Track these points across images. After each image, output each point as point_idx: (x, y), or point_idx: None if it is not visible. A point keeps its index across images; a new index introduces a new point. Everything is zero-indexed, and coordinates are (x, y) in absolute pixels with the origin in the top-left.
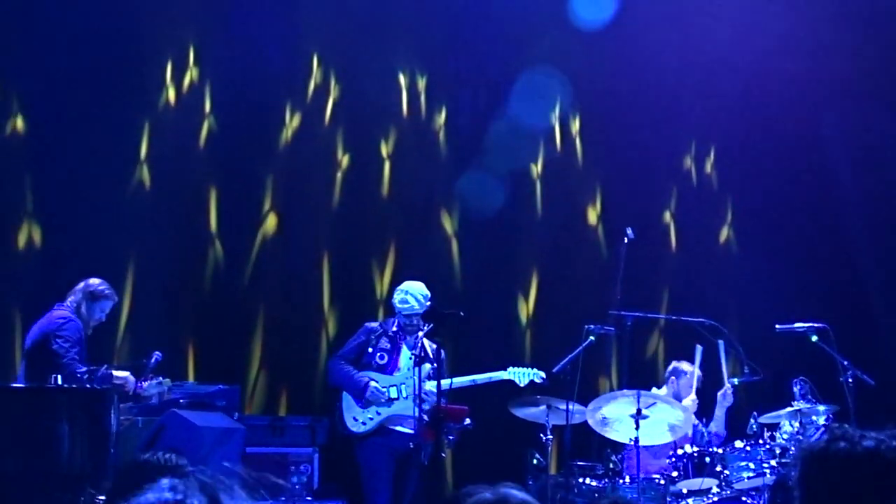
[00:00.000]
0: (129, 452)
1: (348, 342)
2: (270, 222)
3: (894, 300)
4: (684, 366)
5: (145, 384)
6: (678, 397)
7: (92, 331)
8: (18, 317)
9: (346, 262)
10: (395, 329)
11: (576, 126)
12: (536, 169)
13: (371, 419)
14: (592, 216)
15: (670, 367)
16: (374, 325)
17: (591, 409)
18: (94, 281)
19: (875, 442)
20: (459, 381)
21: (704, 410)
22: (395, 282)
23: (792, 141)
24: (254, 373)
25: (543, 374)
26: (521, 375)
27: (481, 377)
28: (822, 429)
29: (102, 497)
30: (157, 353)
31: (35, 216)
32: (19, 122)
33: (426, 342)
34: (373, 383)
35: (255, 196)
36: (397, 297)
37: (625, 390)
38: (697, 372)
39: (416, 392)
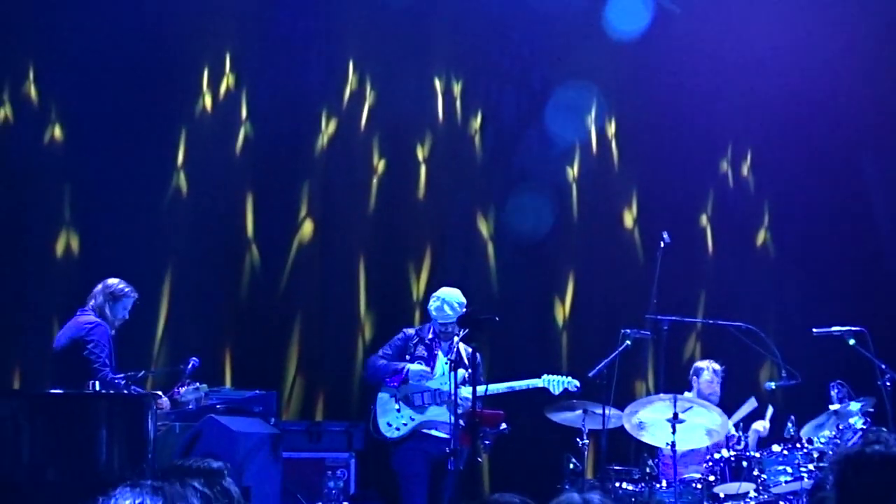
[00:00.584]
0: (166, 458)
1: (388, 343)
2: (307, 228)
3: None
4: (702, 364)
5: (182, 390)
6: (702, 396)
7: (116, 331)
8: (56, 324)
9: (382, 267)
10: (430, 336)
11: (611, 129)
12: (572, 172)
13: (405, 424)
14: (629, 220)
15: (692, 369)
16: (411, 331)
17: (628, 414)
18: (112, 280)
19: None
20: (494, 387)
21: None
22: (432, 285)
23: (828, 144)
24: (290, 378)
25: (578, 383)
26: (556, 384)
27: (517, 384)
28: (861, 432)
29: None
30: (194, 358)
31: (73, 224)
32: (57, 131)
33: (461, 347)
34: (410, 365)
35: (291, 202)
36: (433, 304)
37: (661, 394)
38: (766, 424)
39: (452, 397)
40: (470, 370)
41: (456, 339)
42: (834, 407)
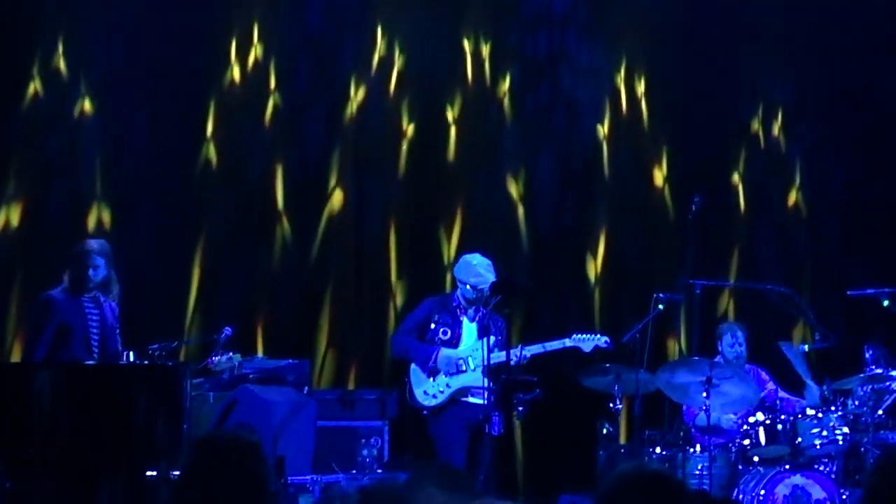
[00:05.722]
0: (201, 427)
1: (409, 317)
2: (337, 196)
3: None
4: (723, 326)
5: (216, 359)
6: (726, 359)
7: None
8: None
9: (412, 232)
10: (454, 304)
11: (641, 87)
12: (602, 131)
13: (442, 392)
14: (659, 178)
15: (716, 331)
16: (436, 299)
17: (662, 371)
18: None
19: None
20: (526, 350)
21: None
22: (462, 249)
23: (860, 102)
24: (322, 347)
25: (608, 339)
26: (587, 342)
27: (548, 345)
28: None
29: (177, 472)
30: (227, 328)
31: (104, 198)
32: (87, 105)
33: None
34: (443, 350)
35: (321, 171)
36: (466, 273)
37: (696, 358)
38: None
39: (485, 363)
40: (500, 336)
41: (485, 306)
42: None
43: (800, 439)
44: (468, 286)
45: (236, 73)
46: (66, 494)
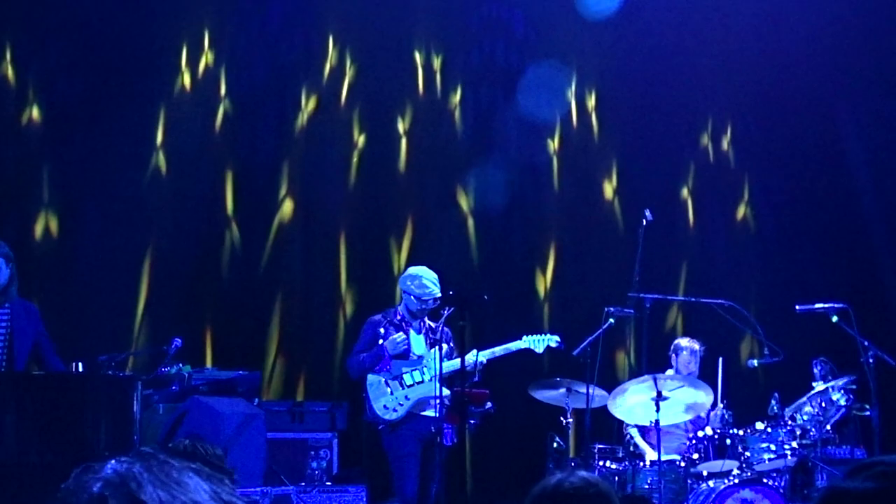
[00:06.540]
0: (151, 439)
1: (359, 340)
2: (287, 205)
3: None
4: (682, 342)
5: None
6: (679, 374)
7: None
8: (37, 307)
9: (362, 242)
10: (399, 318)
11: (592, 102)
12: (553, 145)
13: (401, 405)
14: (609, 191)
15: (672, 345)
16: (378, 317)
17: (615, 395)
18: None
19: None
20: (482, 354)
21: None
22: (413, 260)
23: (808, 118)
24: (272, 358)
25: (559, 338)
26: (538, 342)
27: (499, 349)
28: (843, 409)
29: None
30: (177, 339)
31: (52, 206)
32: (35, 112)
33: (431, 324)
34: (392, 336)
35: (271, 179)
36: (411, 284)
37: (645, 376)
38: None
39: (438, 372)
40: (451, 345)
41: (428, 318)
42: (819, 387)
43: (749, 454)
44: (413, 297)
45: (187, 80)
46: None
